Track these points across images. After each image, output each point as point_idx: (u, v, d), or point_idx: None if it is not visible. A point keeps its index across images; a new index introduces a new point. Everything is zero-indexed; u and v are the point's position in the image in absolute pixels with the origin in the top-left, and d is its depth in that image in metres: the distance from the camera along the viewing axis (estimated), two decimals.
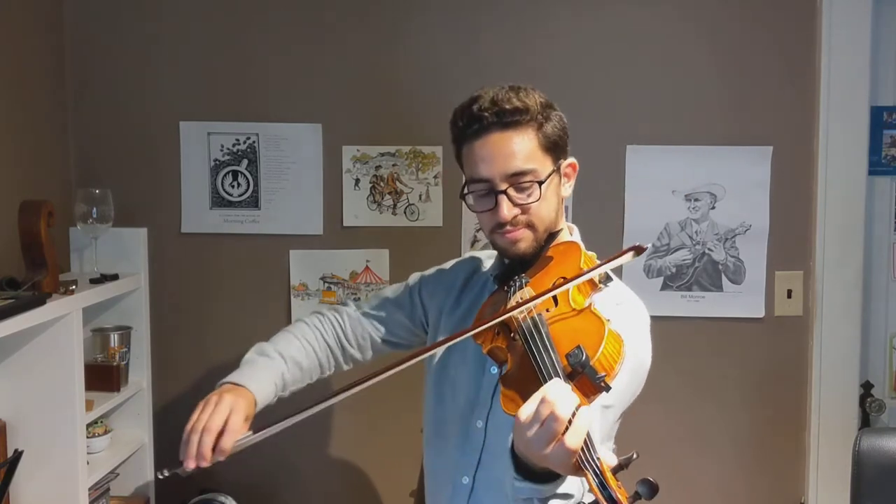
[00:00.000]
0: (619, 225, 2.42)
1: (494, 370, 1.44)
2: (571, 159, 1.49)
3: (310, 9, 2.40)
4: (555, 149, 1.43)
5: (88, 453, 2.00)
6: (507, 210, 1.38)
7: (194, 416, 1.38)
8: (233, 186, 2.44)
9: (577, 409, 1.00)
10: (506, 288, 1.38)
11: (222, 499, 2.39)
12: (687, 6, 2.39)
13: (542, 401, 1.01)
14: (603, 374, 1.08)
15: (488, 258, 1.64)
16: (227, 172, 2.44)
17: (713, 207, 2.42)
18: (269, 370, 1.59)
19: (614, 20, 2.40)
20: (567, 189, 1.49)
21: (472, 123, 1.40)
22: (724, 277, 2.43)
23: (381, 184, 2.44)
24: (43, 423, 1.84)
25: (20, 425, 1.83)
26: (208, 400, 1.42)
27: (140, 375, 2.27)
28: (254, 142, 2.43)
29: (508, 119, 1.37)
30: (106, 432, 2.16)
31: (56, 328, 1.82)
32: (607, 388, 1.08)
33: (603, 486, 0.96)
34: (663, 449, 2.46)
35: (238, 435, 1.38)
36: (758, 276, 2.42)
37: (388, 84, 2.41)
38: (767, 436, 2.47)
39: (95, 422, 2.11)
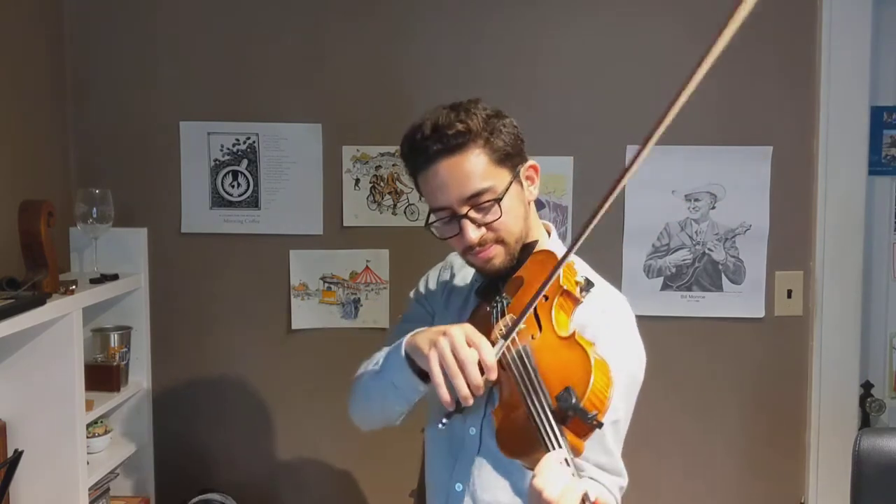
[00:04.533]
0: (619, 225, 2.42)
1: None
2: (531, 161, 1.45)
3: (310, 9, 2.40)
4: (508, 159, 1.39)
5: (88, 453, 2.00)
6: (471, 233, 1.36)
7: (436, 367, 1.23)
8: (233, 186, 2.44)
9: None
10: (488, 308, 1.36)
11: (222, 499, 2.39)
12: (687, 6, 2.38)
13: (532, 486, 1.04)
14: (594, 412, 1.08)
15: None
16: (227, 172, 2.44)
17: (713, 207, 2.42)
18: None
19: (614, 21, 2.40)
20: (533, 192, 1.46)
21: (418, 154, 1.38)
22: (724, 277, 2.43)
23: (381, 184, 2.44)
24: (43, 423, 1.84)
25: (20, 425, 1.83)
26: (437, 344, 1.24)
27: (140, 375, 2.28)
28: (254, 142, 2.43)
29: (453, 143, 1.35)
30: (106, 432, 2.16)
31: (56, 328, 1.82)
32: (600, 426, 1.09)
33: None
34: (663, 449, 2.46)
35: (490, 347, 1.23)
36: (758, 276, 2.42)
37: (388, 84, 2.41)
38: (767, 436, 2.46)
39: (95, 422, 2.11)
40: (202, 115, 2.42)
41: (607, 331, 1.32)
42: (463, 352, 1.21)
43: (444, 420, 1.25)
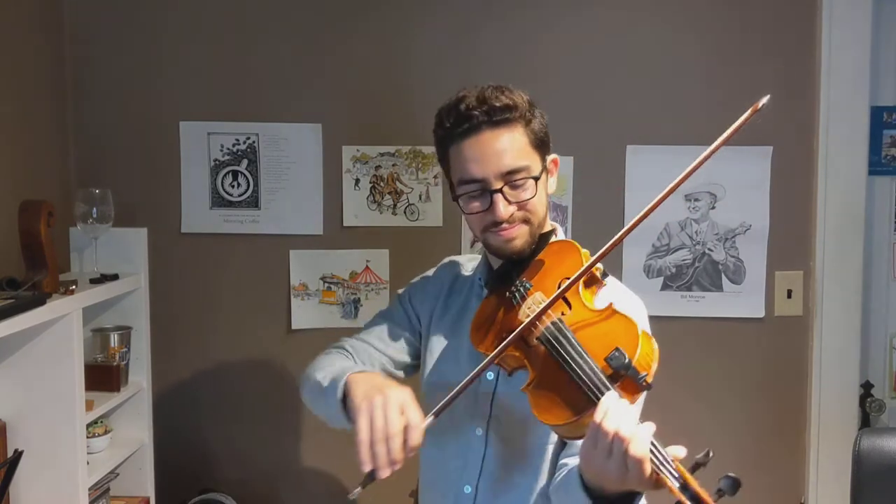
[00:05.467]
0: (619, 225, 2.39)
1: (491, 377, 1.43)
2: (553, 155, 1.48)
3: (310, 9, 2.40)
4: (542, 145, 1.42)
5: (88, 453, 2.00)
6: (503, 209, 1.36)
7: (364, 425, 1.21)
8: (233, 186, 2.44)
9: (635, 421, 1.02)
10: (507, 294, 1.36)
11: (222, 499, 2.39)
12: (687, 6, 2.39)
13: (602, 429, 1.03)
14: (644, 373, 1.10)
15: (469, 261, 1.63)
16: (227, 172, 2.44)
17: (713, 207, 2.42)
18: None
19: (614, 20, 2.40)
20: (552, 185, 1.48)
21: (461, 123, 1.37)
22: (724, 277, 2.43)
23: (381, 184, 2.44)
24: (43, 423, 1.83)
25: (20, 425, 1.83)
26: (371, 401, 1.23)
27: (140, 375, 2.27)
28: (254, 142, 2.43)
29: (498, 117, 1.36)
30: (106, 432, 2.16)
31: (56, 328, 1.82)
32: (649, 387, 1.11)
33: (685, 487, 0.97)
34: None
35: (422, 425, 1.23)
36: (758, 276, 2.42)
37: (388, 84, 2.41)
38: (767, 436, 2.47)
39: (95, 422, 2.11)
40: (202, 115, 2.42)
41: (634, 316, 1.33)
42: (393, 424, 1.20)
43: (359, 489, 1.21)
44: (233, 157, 2.44)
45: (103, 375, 2.13)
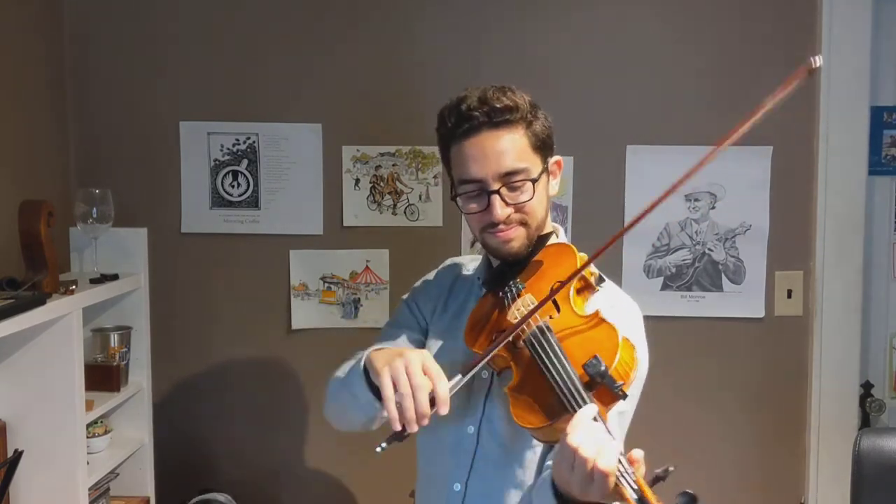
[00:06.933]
0: (619, 225, 2.42)
1: (485, 375, 1.43)
2: (557, 157, 1.48)
3: (310, 9, 2.40)
4: (543, 147, 1.42)
5: (88, 453, 2.00)
6: (500, 210, 1.36)
7: (388, 381, 1.23)
8: (233, 186, 2.44)
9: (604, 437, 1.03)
10: (500, 294, 1.37)
11: (222, 499, 2.39)
12: (687, 6, 2.39)
13: (566, 443, 1.04)
14: (621, 382, 1.11)
15: (471, 261, 1.63)
16: (227, 172, 2.44)
17: (713, 207, 2.42)
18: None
19: (614, 20, 2.40)
20: (554, 187, 1.48)
21: (461, 123, 1.38)
22: (724, 277, 2.43)
23: (381, 184, 2.44)
24: (43, 423, 1.84)
25: (20, 425, 1.83)
26: (391, 364, 1.25)
27: (140, 375, 2.27)
28: (254, 142, 2.43)
29: (499, 118, 1.36)
30: (106, 432, 2.16)
31: (56, 328, 1.82)
32: (624, 396, 1.11)
33: (642, 500, 0.97)
34: (662, 449, 2.45)
35: (446, 381, 1.24)
36: (758, 276, 2.42)
37: (388, 84, 2.41)
38: (768, 436, 2.47)
39: (95, 422, 2.11)
40: (202, 115, 2.42)
41: (618, 323, 1.33)
42: (417, 378, 1.22)
43: (384, 444, 1.23)
44: (233, 157, 2.44)
45: (103, 375, 2.13)
